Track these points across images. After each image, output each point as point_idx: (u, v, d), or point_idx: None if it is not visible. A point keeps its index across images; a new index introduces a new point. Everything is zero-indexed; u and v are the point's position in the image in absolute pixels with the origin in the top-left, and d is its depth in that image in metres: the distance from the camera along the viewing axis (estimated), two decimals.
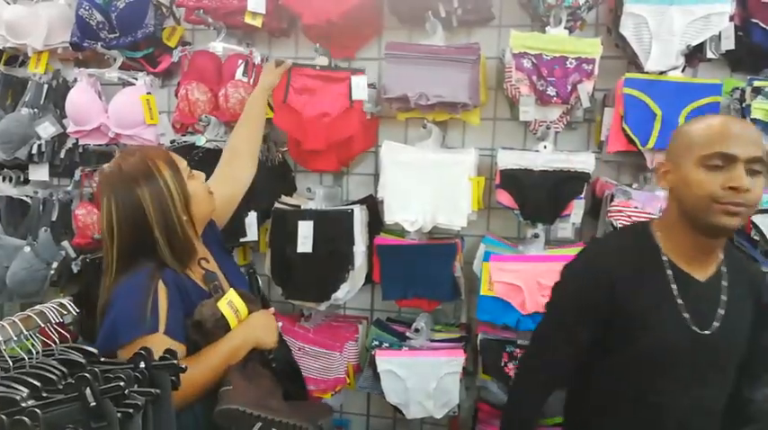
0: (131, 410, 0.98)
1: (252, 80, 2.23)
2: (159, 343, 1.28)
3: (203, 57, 2.30)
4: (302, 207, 2.18)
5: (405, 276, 2.14)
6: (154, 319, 1.32)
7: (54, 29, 2.44)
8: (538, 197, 1.96)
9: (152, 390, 1.03)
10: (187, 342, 1.37)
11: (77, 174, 2.49)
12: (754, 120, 1.83)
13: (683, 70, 1.94)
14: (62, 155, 2.51)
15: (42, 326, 1.06)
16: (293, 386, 1.57)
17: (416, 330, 2.14)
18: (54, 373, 1.01)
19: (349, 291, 2.19)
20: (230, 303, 1.43)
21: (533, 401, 1.46)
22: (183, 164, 1.50)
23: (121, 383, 0.95)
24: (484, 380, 2.13)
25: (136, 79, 2.36)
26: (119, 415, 0.96)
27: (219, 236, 1.73)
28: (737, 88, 1.92)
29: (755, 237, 1.88)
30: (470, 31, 2.25)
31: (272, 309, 1.56)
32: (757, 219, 1.86)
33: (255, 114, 1.97)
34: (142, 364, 1.08)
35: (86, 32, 2.33)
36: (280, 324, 1.58)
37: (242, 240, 2.16)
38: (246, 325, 1.44)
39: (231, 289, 1.47)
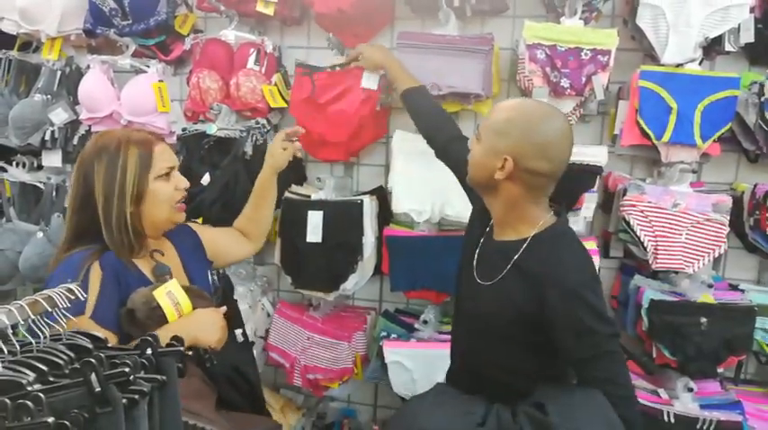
0: (137, 396, 0.97)
1: (264, 69, 2.22)
2: (84, 327, 1.20)
3: (215, 45, 2.30)
4: (312, 197, 2.17)
5: (414, 268, 2.14)
6: (80, 302, 1.20)
7: (67, 15, 2.44)
8: None
9: (158, 377, 1.03)
10: (120, 331, 1.29)
11: None
12: None
13: (700, 63, 1.90)
14: (75, 141, 2.52)
15: (50, 310, 1.06)
16: (237, 395, 1.45)
17: (425, 322, 2.13)
18: (61, 358, 1.01)
19: (358, 282, 2.18)
20: (170, 294, 1.32)
21: None
22: (167, 162, 1.44)
23: (126, 369, 0.95)
24: None
25: (148, 67, 2.37)
26: (124, 400, 0.96)
27: (199, 243, 1.65)
28: (756, 82, 1.88)
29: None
30: (484, 21, 2.22)
31: (222, 309, 1.43)
32: None
33: (265, 196, 1.86)
34: (149, 351, 1.08)
35: (99, 19, 2.34)
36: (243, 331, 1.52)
37: None
38: (185, 320, 1.33)
39: (174, 280, 1.37)
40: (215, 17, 2.41)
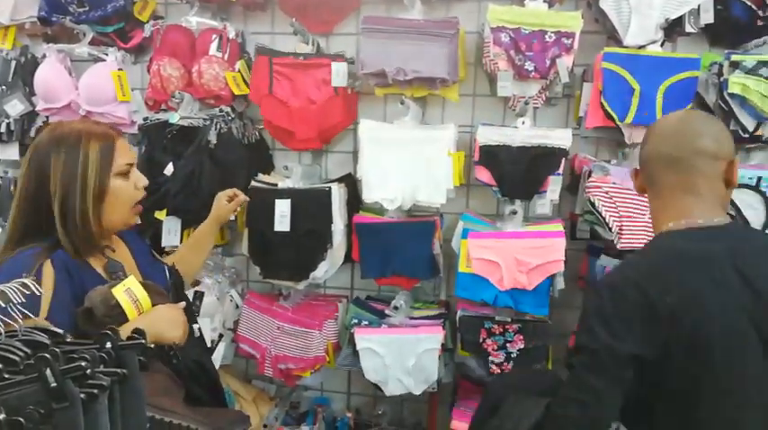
0: (96, 391, 0.95)
1: (226, 55, 2.18)
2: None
3: (176, 31, 2.25)
4: (279, 185, 2.15)
5: (384, 254, 2.13)
6: (32, 301, 1.13)
7: (21, 3, 2.37)
8: (515, 173, 1.95)
9: (118, 370, 1.00)
10: (76, 332, 1.20)
11: None
12: (732, 95, 1.83)
13: (662, 44, 1.93)
14: (32, 133, 2.44)
15: (4, 305, 1.03)
16: (201, 389, 1.42)
17: (395, 308, 2.14)
18: (17, 354, 0.98)
19: (328, 270, 2.17)
20: (128, 291, 1.27)
21: None
22: (126, 158, 1.37)
23: (83, 363, 0.92)
24: (463, 356, 2.14)
25: (107, 55, 2.31)
26: (83, 396, 0.93)
27: (147, 245, 1.64)
28: (715, 63, 1.91)
29: (731, 213, 1.88)
30: (449, 5, 2.21)
31: (181, 304, 1.40)
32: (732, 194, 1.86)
33: (201, 244, 1.86)
34: (108, 344, 1.06)
35: (54, 6, 2.25)
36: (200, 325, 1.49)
37: None
38: (146, 317, 1.28)
39: (131, 276, 1.32)
40: (175, 3, 2.35)
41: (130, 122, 2.29)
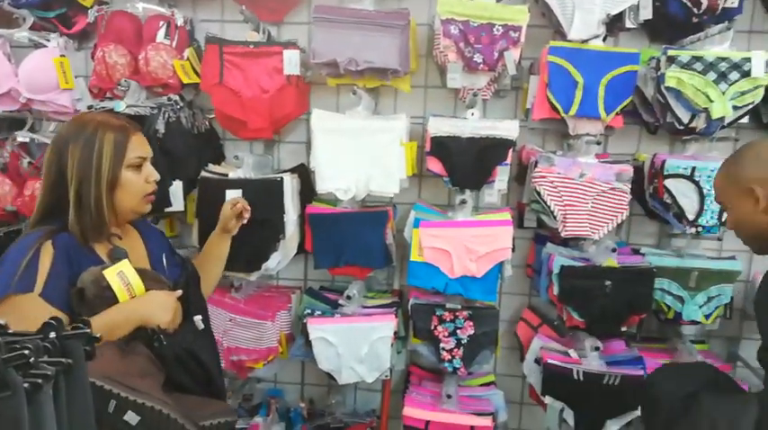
0: (40, 380, 0.93)
1: (174, 43, 2.14)
2: (31, 304, 1.24)
3: (122, 17, 2.19)
4: (230, 175, 2.12)
5: (337, 244, 2.14)
6: (28, 279, 1.26)
7: None
8: (465, 163, 1.99)
9: (62, 360, 0.99)
10: (71, 311, 1.29)
11: None
12: (668, 89, 1.92)
13: (604, 39, 2.00)
14: None
15: None
16: (189, 378, 1.43)
17: (348, 297, 2.15)
18: None
19: (280, 261, 2.17)
20: (121, 274, 1.31)
21: None
22: (139, 152, 1.46)
23: (26, 352, 0.90)
24: (415, 343, 2.18)
25: (48, 41, 2.22)
26: (26, 385, 0.91)
27: (168, 244, 1.72)
28: (654, 57, 1.99)
29: (667, 201, 1.98)
30: None
31: (177, 292, 1.44)
32: (669, 183, 1.96)
33: (211, 254, 1.88)
34: (52, 334, 1.03)
35: None
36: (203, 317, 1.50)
37: (167, 210, 2.09)
38: (136, 300, 1.34)
39: (125, 261, 1.36)
40: None
41: (74, 110, 2.22)
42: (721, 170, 1.51)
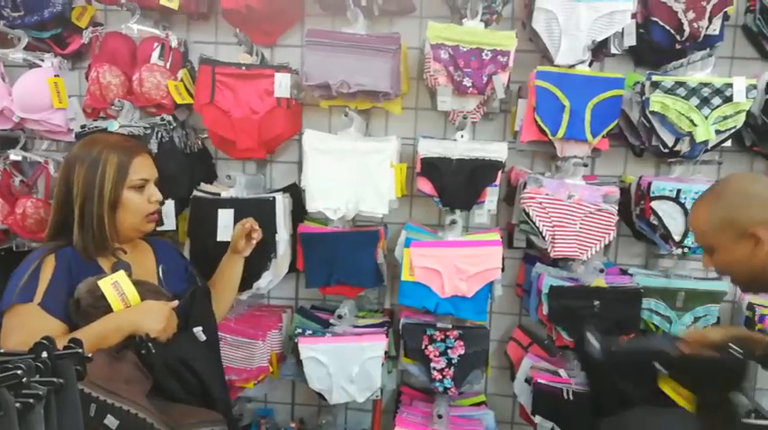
0: (32, 400, 0.94)
1: (168, 64, 2.17)
2: (31, 314, 1.29)
3: (116, 39, 2.22)
4: (222, 195, 2.14)
5: (328, 264, 2.15)
6: (29, 289, 1.33)
7: None
8: (455, 184, 2.02)
9: (54, 380, 0.99)
10: (69, 321, 1.34)
11: None
12: (653, 113, 1.97)
13: (590, 64, 2.05)
14: None
15: None
16: (180, 387, 1.42)
17: (339, 316, 2.16)
18: None
19: (272, 280, 2.17)
20: (116, 284, 1.36)
21: None
22: (142, 174, 1.53)
23: (19, 372, 0.91)
24: (405, 363, 2.18)
25: (42, 60, 2.24)
26: (18, 405, 0.92)
27: (186, 264, 1.78)
28: (638, 82, 2.04)
29: (654, 222, 2.01)
30: (392, 21, 2.29)
31: (173, 303, 1.47)
32: (655, 204, 2.00)
33: (223, 275, 1.90)
34: (44, 354, 1.04)
35: None
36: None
37: (159, 229, 2.09)
38: (129, 309, 1.38)
39: (121, 271, 1.41)
40: (115, 10, 2.31)
41: (67, 130, 2.24)
42: (706, 212, 1.41)
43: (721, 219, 1.37)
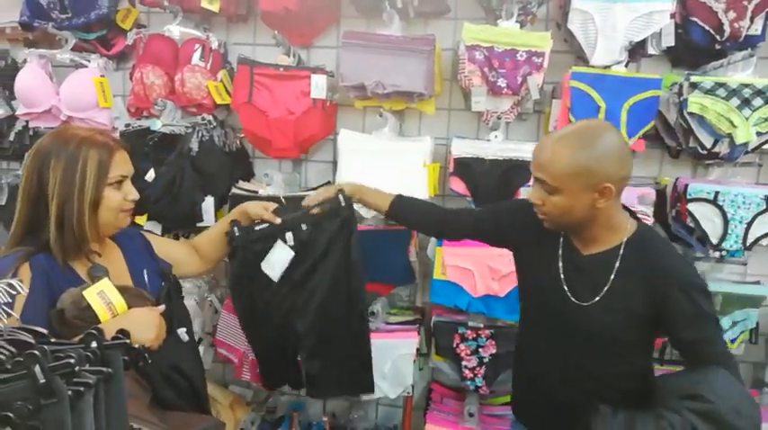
0: (82, 388, 0.98)
1: (209, 65, 2.23)
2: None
3: (159, 40, 2.29)
4: (260, 192, 2.19)
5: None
6: (11, 302, 1.15)
7: (2, 7, 2.38)
8: (488, 184, 2.03)
9: (104, 369, 1.04)
10: (51, 333, 1.18)
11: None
12: (691, 114, 1.94)
13: (626, 65, 2.03)
14: (11, 137, 2.45)
15: None
16: (174, 394, 1.40)
17: (372, 313, 2.19)
18: (2, 353, 1.01)
19: None
20: (101, 294, 1.28)
21: None
22: (121, 171, 1.39)
23: (72, 360, 0.96)
24: (437, 361, 2.20)
25: (89, 61, 2.33)
26: (69, 393, 0.97)
27: (147, 245, 1.61)
28: (676, 83, 2.01)
29: (690, 224, 1.98)
30: (427, 23, 2.30)
31: (160, 307, 1.39)
32: (692, 206, 1.97)
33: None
34: (94, 344, 1.09)
35: (37, 12, 2.28)
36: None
37: (199, 225, 2.16)
38: (118, 318, 1.28)
39: (105, 279, 1.31)
40: (158, 12, 2.39)
41: (112, 128, 2.32)
42: (569, 154, 1.30)
43: (584, 167, 1.29)
